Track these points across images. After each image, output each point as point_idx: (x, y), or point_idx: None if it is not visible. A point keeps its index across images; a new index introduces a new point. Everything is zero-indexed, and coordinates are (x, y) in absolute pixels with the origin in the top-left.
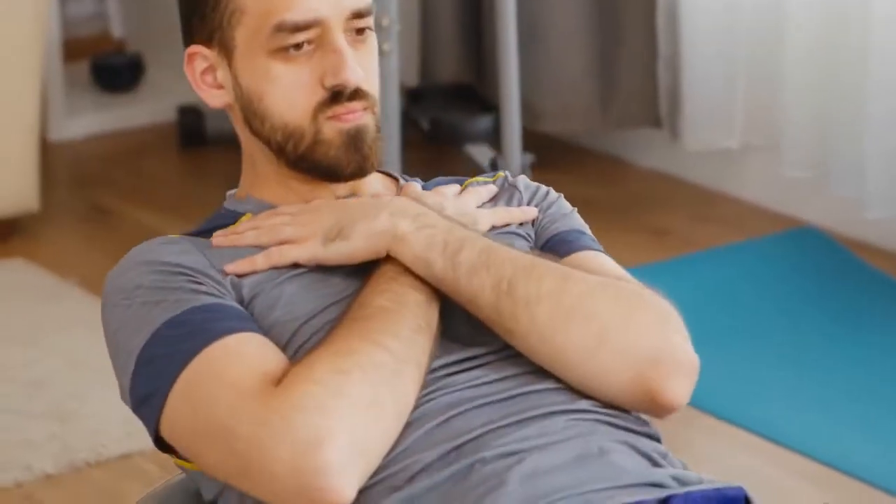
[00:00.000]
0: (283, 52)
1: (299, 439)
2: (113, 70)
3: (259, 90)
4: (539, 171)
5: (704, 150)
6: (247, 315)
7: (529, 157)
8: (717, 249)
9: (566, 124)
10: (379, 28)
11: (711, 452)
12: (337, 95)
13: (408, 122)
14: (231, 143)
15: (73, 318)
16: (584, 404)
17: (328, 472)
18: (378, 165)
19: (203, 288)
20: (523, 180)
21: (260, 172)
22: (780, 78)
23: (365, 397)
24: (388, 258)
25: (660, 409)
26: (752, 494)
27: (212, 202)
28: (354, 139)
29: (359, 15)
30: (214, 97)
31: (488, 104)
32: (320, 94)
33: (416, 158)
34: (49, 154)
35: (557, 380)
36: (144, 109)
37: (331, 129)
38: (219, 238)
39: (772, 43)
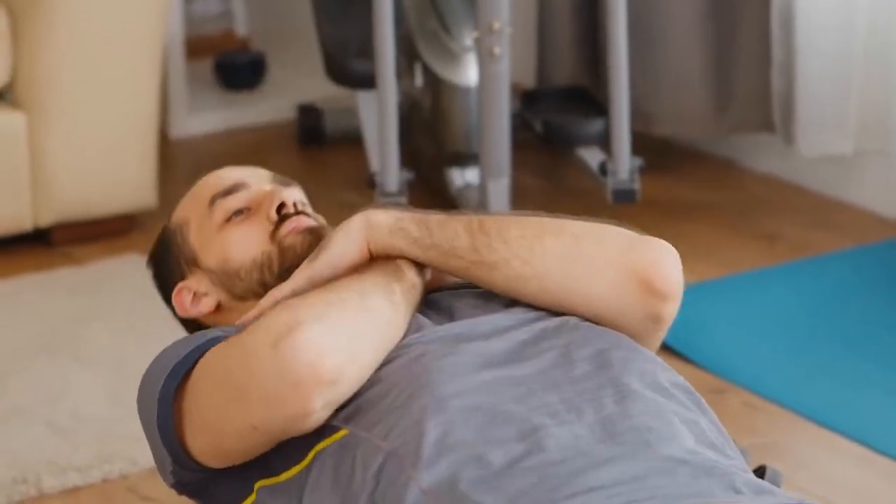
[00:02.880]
0: (227, 223)
1: (274, 334)
2: (235, 68)
3: (223, 258)
4: (653, 175)
5: (819, 156)
6: None
7: (638, 161)
8: (830, 255)
9: (680, 128)
10: (490, 32)
11: (812, 459)
12: (284, 218)
13: (522, 124)
14: (350, 142)
15: None
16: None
17: (304, 347)
18: None
19: (209, 334)
20: None
21: None
22: (895, 83)
23: (328, 300)
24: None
25: (655, 291)
26: None
27: (330, 200)
28: (314, 233)
29: (281, 181)
30: (205, 304)
31: (603, 107)
32: (270, 227)
33: (528, 161)
34: (170, 151)
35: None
36: (265, 107)
37: (290, 237)
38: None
39: (887, 48)
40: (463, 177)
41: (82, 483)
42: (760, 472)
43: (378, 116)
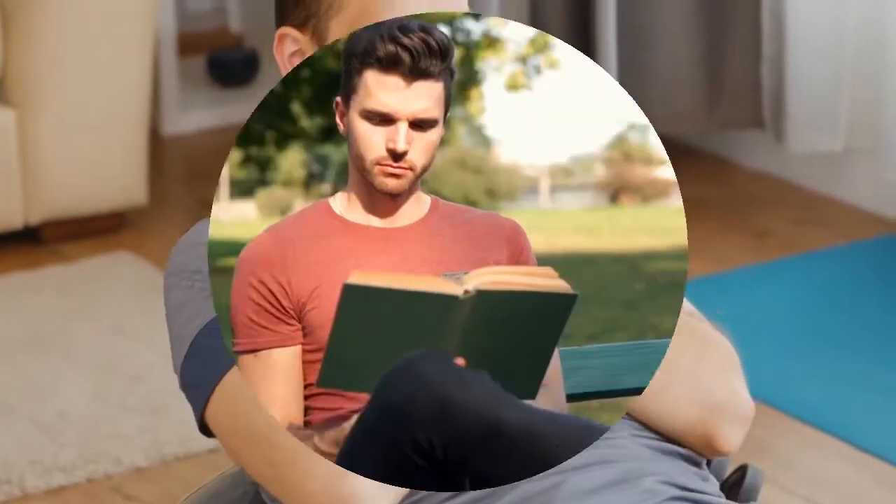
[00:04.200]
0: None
1: (327, 499)
2: (229, 65)
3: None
4: None
5: (808, 152)
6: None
7: None
8: (820, 252)
9: (671, 125)
10: None
11: (798, 459)
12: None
13: None
14: None
15: None
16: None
17: (359, 498)
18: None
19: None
20: None
21: None
22: (885, 80)
23: None
24: None
25: (712, 452)
26: None
27: None
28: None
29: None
30: None
31: None
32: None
33: None
34: (162, 148)
35: None
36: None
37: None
38: None
39: (877, 45)
40: None
41: (67, 483)
42: (741, 471)
43: None
